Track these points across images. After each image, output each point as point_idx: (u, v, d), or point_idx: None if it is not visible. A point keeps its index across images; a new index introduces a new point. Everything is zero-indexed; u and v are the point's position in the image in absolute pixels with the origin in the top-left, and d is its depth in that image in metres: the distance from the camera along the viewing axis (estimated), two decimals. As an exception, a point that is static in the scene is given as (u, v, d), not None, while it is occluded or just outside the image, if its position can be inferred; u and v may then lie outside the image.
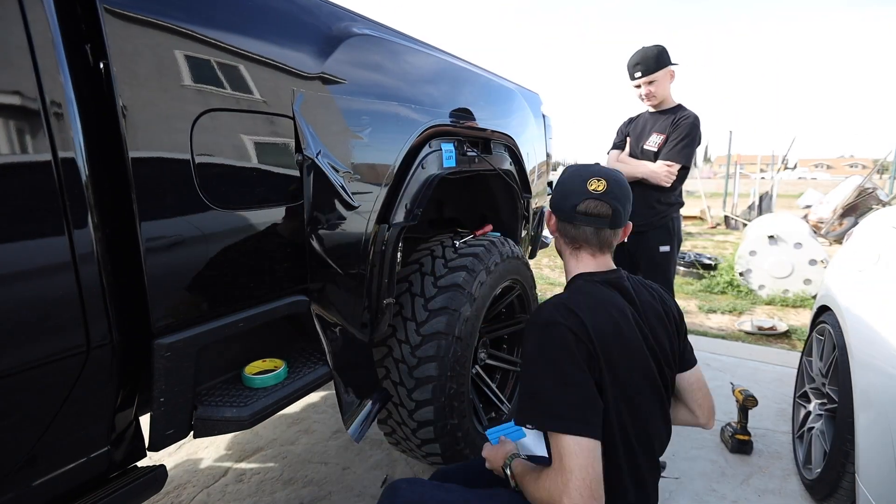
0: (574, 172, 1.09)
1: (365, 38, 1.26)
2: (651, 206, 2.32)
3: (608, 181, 1.04)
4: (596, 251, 1.09)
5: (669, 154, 2.22)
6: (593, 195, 1.03)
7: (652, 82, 2.22)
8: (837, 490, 1.55)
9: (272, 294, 1.06)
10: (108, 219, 0.78)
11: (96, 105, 0.75)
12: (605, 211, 1.04)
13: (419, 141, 1.44)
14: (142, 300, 0.82)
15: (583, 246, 1.09)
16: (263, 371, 1.07)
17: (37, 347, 0.70)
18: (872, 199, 7.55)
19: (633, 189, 1.94)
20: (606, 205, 1.03)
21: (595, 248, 1.09)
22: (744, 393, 2.05)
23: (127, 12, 0.75)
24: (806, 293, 4.25)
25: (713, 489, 1.83)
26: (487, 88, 1.93)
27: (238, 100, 0.93)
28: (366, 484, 1.85)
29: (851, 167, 64.27)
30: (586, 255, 1.10)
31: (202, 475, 1.93)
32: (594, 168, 1.10)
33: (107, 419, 0.84)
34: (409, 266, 1.64)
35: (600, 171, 1.07)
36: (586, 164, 1.14)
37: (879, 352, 1.44)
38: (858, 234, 2.25)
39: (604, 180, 1.04)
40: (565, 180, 1.10)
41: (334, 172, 1.14)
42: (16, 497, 0.74)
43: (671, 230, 2.36)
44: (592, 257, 1.09)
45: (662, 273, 2.39)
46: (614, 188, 1.04)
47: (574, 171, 1.10)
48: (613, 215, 1.04)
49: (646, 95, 2.27)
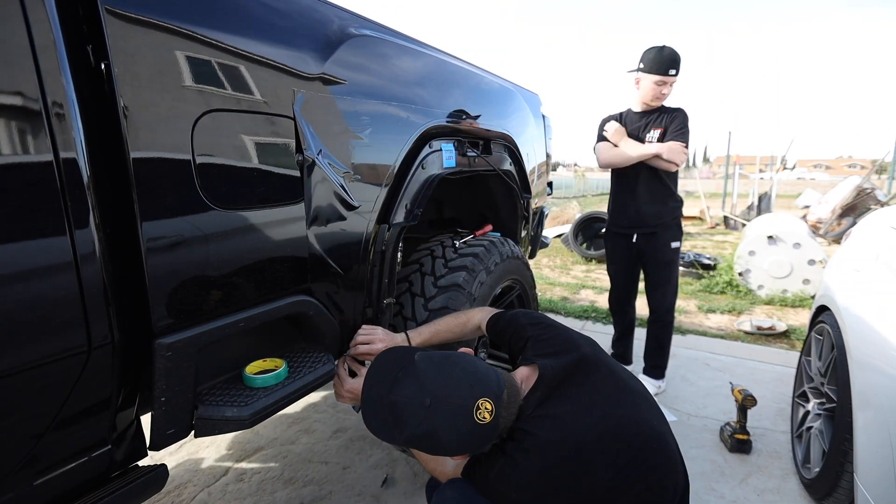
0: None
1: (365, 38, 1.26)
2: (665, 203, 2.36)
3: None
4: (519, 388, 1.09)
5: (675, 137, 2.27)
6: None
7: (675, 83, 2.28)
8: (836, 489, 1.56)
9: (273, 294, 1.07)
10: (110, 219, 0.78)
11: (97, 106, 0.75)
12: None
13: (419, 141, 1.44)
14: (143, 300, 0.83)
15: (513, 415, 1.04)
16: (264, 371, 1.07)
17: (38, 347, 0.70)
18: (871, 199, 7.56)
19: (642, 189, 1.93)
20: None
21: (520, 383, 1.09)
22: (743, 392, 2.06)
23: (128, 13, 0.76)
24: (805, 293, 4.26)
25: (712, 489, 1.83)
26: (487, 89, 1.94)
27: (239, 100, 0.94)
28: (366, 483, 1.85)
29: (850, 167, 64.34)
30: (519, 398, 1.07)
31: (203, 474, 1.93)
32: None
33: (108, 419, 0.84)
34: (409, 266, 1.65)
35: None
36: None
37: (878, 351, 1.44)
38: (857, 234, 2.26)
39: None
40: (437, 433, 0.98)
41: (335, 173, 1.14)
42: (17, 496, 0.74)
43: (680, 226, 2.42)
44: (523, 389, 1.09)
45: (671, 270, 2.42)
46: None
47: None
48: None
49: (662, 94, 2.30)
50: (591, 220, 6.63)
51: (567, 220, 8.64)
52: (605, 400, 0.98)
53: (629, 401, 0.99)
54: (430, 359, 1.02)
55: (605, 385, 1.00)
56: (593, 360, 1.04)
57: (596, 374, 1.02)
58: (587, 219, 6.63)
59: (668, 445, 0.96)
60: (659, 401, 2.44)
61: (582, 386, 1.00)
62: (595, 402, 0.97)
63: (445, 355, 1.04)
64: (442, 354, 1.05)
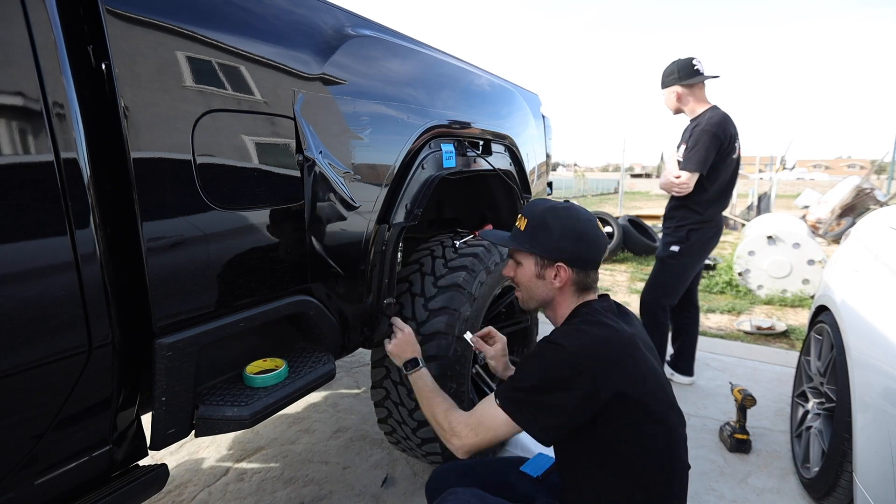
0: (587, 222, 1.09)
1: (365, 38, 1.26)
2: (673, 216, 2.47)
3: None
4: (596, 286, 1.13)
5: (683, 162, 2.33)
6: (608, 239, 1.06)
7: (663, 95, 2.44)
8: (835, 489, 1.56)
9: (273, 294, 1.07)
10: (110, 219, 0.78)
11: (98, 106, 0.75)
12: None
13: (419, 141, 1.45)
14: (143, 300, 0.83)
15: (591, 287, 1.10)
16: (264, 370, 1.07)
17: (39, 347, 0.70)
18: (870, 199, 7.58)
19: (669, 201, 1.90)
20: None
21: (596, 285, 1.12)
22: (742, 392, 2.06)
23: (129, 14, 0.76)
24: (804, 293, 4.26)
25: (712, 488, 1.83)
26: (487, 89, 1.94)
27: (239, 100, 0.94)
28: (366, 483, 1.85)
29: (849, 167, 64.39)
30: (589, 293, 1.11)
31: (203, 474, 1.93)
32: (587, 211, 1.11)
33: (108, 418, 0.84)
34: (409, 266, 1.65)
35: (592, 215, 1.11)
36: (574, 207, 1.12)
37: (877, 351, 1.44)
38: (856, 234, 2.26)
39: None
40: (587, 232, 1.07)
41: (335, 173, 1.14)
42: (18, 496, 0.74)
43: (687, 236, 2.49)
44: (590, 291, 1.11)
45: (662, 266, 2.54)
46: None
47: (585, 219, 1.09)
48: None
49: (668, 106, 2.47)
50: (591, 220, 6.62)
51: (567, 220, 8.62)
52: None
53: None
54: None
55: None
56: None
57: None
58: (587, 219, 6.63)
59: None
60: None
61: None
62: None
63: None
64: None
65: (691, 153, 2.26)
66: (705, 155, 2.23)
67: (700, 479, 1.88)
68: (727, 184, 2.37)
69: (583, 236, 1.07)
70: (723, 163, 2.28)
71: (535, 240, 1.08)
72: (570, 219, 1.07)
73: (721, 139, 2.23)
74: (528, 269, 1.11)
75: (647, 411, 0.94)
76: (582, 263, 1.07)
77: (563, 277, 1.07)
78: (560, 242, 1.06)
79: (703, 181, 2.28)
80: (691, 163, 2.26)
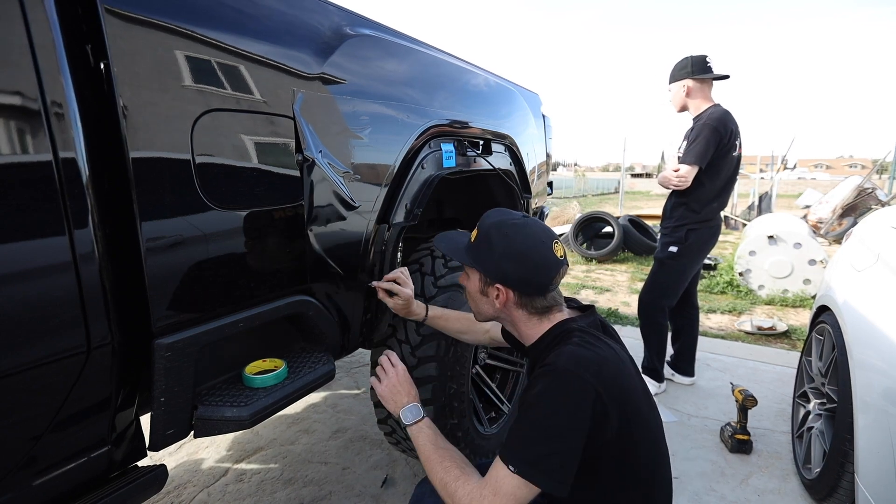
0: (535, 243, 0.97)
1: (365, 38, 1.26)
2: (672, 215, 2.47)
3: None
4: (562, 304, 1.04)
5: (683, 156, 2.34)
6: (563, 261, 0.98)
7: (669, 92, 2.47)
8: (837, 490, 1.55)
9: (272, 294, 1.06)
10: (109, 219, 0.78)
11: (97, 105, 0.75)
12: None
13: (419, 141, 1.44)
14: (142, 300, 0.82)
15: (553, 307, 1.01)
16: (263, 371, 1.07)
17: (37, 347, 0.70)
18: (871, 198, 7.57)
19: (668, 199, 1.88)
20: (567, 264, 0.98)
21: (561, 302, 1.04)
22: (743, 393, 2.06)
23: (128, 13, 0.75)
24: (805, 293, 4.26)
25: (712, 489, 1.83)
26: (488, 88, 1.94)
27: (238, 100, 0.93)
28: (366, 484, 1.85)
29: (851, 167, 64.33)
30: (556, 313, 1.02)
31: (203, 475, 1.93)
32: (543, 230, 1.00)
33: (107, 419, 0.84)
34: (410, 266, 1.64)
35: (551, 232, 1.01)
36: (529, 225, 1.00)
37: (878, 351, 1.44)
38: (857, 234, 2.25)
39: (558, 241, 0.99)
40: (529, 253, 0.96)
41: (334, 172, 1.14)
42: (16, 497, 0.74)
43: (686, 236, 2.50)
44: (561, 310, 1.03)
45: (660, 266, 2.54)
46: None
47: (532, 240, 0.97)
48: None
49: (671, 102, 2.49)
50: (591, 220, 6.63)
51: (567, 220, 8.65)
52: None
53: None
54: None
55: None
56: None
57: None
58: (587, 219, 6.63)
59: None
60: (659, 401, 2.45)
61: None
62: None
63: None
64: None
65: (691, 146, 2.27)
66: (705, 148, 2.23)
67: (701, 479, 1.88)
68: (727, 182, 2.36)
69: (525, 260, 0.96)
70: (723, 159, 2.28)
71: (477, 255, 1.01)
72: (516, 238, 0.97)
73: (722, 134, 2.23)
74: (473, 282, 1.05)
75: (643, 429, 0.92)
76: (524, 287, 0.98)
77: (502, 300, 1.00)
78: (500, 263, 0.97)
79: (701, 177, 2.28)
80: (691, 155, 2.26)
